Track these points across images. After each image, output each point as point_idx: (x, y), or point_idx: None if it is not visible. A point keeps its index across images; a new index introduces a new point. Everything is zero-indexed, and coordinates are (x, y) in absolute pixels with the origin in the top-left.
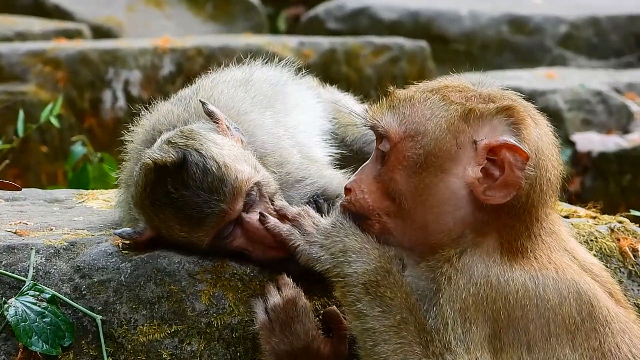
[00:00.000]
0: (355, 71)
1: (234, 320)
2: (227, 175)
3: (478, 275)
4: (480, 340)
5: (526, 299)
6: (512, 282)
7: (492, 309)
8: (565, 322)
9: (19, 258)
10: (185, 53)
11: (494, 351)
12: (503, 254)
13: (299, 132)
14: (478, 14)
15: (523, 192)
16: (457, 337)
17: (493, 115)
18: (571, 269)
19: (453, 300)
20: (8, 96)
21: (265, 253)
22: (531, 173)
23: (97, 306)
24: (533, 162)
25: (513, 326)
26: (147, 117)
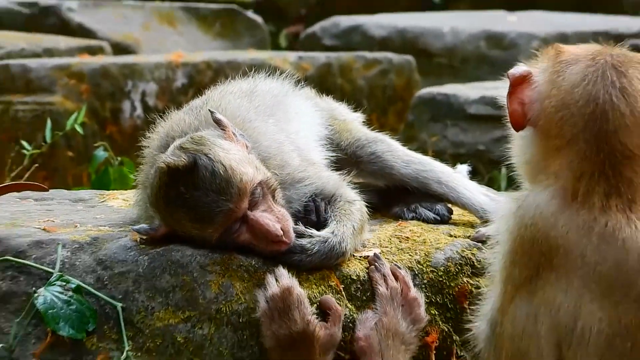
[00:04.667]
0: (349, 83)
1: (241, 307)
2: (233, 177)
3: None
4: (519, 281)
5: (570, 248)
6: (558, 227)
7: (538, 251)
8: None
9: (47, 252)
10: (196, 67)
11: (533, 288)
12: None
13: (298, 137)
14: (458, 30)
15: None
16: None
17: None
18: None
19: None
20: (37, 106)
21: (267, 246)
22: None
23: (117, 295)
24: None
25: (554, 270)
26: (161, 125)
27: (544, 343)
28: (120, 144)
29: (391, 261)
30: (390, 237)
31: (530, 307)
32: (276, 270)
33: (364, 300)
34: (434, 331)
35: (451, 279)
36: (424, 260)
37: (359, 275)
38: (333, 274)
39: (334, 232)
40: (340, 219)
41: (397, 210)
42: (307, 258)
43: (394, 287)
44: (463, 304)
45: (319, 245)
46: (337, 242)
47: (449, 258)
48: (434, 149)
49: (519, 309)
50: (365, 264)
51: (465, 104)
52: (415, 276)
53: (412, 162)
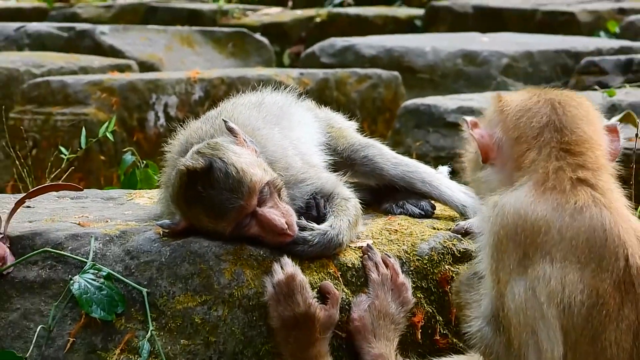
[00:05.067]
0: (344, 95)
1: (251, 292)
2: (244, 178)
3: (509, 209)
4: (510, 266)
5: (549, 226)
6: (537, 211)
7: (521, 235)
8: (578, 253)
9: (82, 244)
10: (211, 82)
11: (524, 268)
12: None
13: (300, 143)
14: (439, 50)
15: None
16: (492, 272)
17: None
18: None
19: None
20: (73, 117)
21: (274, 238)
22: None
23: (143, 281)
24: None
25: (539, 248)
26: (181, 133)
27: (546, 308)
28: (146, 149)
29: (382, 251)
30: (381, 230)
31: (526, 282)
32: (281, 259)
33: (358, 285)
34: (420, 312)
35: (434, 266)
36: (411, 250)
37: (354, 263)
38: (331, 262)
39: (332, 225)
40: (338, 214)
41: (386, 206)
42: (308, 248)
43: (384, 273)
44: (445, 288)
45: (319, 237)
46: (335, 235)
47: (433, 248)
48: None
49: (516, 286)
50: (360, 254)
51: (444, 113)
52: (403, 264)
53: (399, 164)
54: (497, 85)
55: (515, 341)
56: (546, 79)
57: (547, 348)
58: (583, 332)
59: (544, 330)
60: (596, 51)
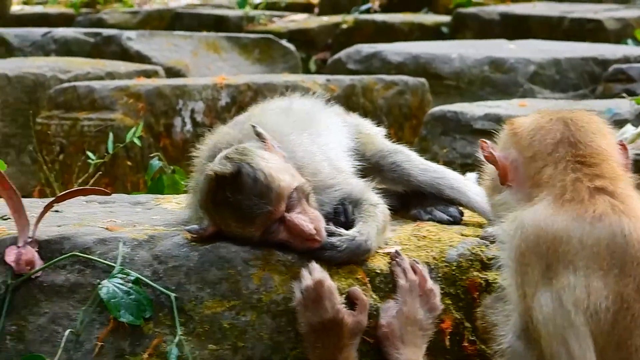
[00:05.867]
0: (370, 102)
1: (279, 297)
2: (273, 183)
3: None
4: (535, 279)
5: (569, 236)
6: (556, 222)
7: (543, 247)
8: (600, 260)
9: (110, 248)
10: (238, 88)
11: (549, 280)
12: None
13: (328, 149)
14: (465, 57)
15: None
16: (517, 287)
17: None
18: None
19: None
20: (100, 122)
21: (302, 244)
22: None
23: (171, 286)
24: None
25: (561, 259)
26: (209, 138)
27: (574, 316)
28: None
29: (410, 257)
30: (409, 236)
31: (552, 293)
32: (310, 265)
33: (386, 292)
34: (448, 319)
35: (463, 273)
36: (439, 256)
37: (382, 269)
38: (360, 268)
39: (360, 231)
40: (366, 220)
41: (415, 213)
42: (337, 254)
43: (413, 279)
44: (473, 295)
45: (347, 243)
46: (363, 240)
47: (461, 254)
48: (444, 159)
49: (542, 298)
50: (388, 260)
51: (471, 120)
52: (432, 270)
53: (428, 171)
54: (523, 92)
55: (547, 352)
56: (573, 87)
57: (579, 355)
58: (609, 339)
59: (574, 338)
60: (623, 59)
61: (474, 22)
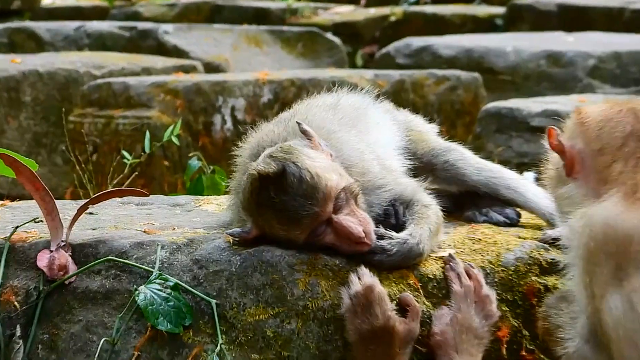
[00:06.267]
0: (421, 98)
1: (326, 304)
2: (319, 183)
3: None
4: (604, 279)
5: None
6: (627, 221)
7: (613, 246)
8: None
9: (147, 252)
10: (281, 84)
11: (619, 281)
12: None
13: (378, 147)
14: (521, 50)
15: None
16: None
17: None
18: None
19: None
20: (136, 120)
21: (351, 247)
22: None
23: (212, 292)
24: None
25: (632, 259)
26: (252, 136)
27: None
28: (212, 154)
29: (465, 261)
30: (463, 239)
31: (622, 296)
32: (359, 270)
33: (439, 298)
34: (505, 326)
35: (520, 277)
36: (495, 260)
37: (435, 274)
38: (411, 273)
39: (412, 234)
40: (418, 222)
41: (469, 214)
42: (387, 258)
43: (467, 285)
44: (532, 301)
45: (398, 246)
46: (415, 244)
47: (519, 258)
48: (500, 158)
49: (612, 300)
50: (441, 264)
51: (528, 117)
52: (487, 275)
53: (483, 170)
54: (582, 87)
55: (617, 357)
56: (635, 81)
57: None
58: None
59: None
60: None
61: (530, 13)
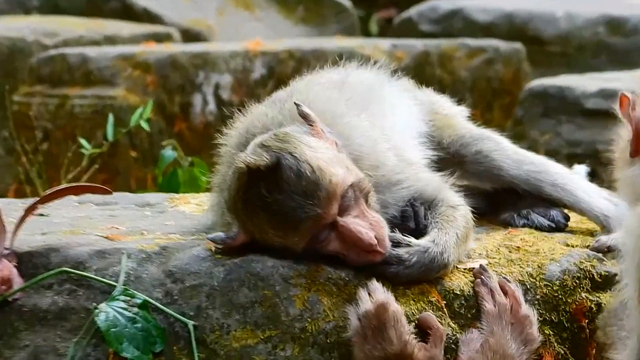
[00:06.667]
0: (450, 74)
1: (329, 326)
2: (322, 179)
3: None
4: None
5: None
6: None
7: None
8: None
9: (110, 263)
10: (277, 56)
11: None
12: None
13: (394, 134)
14: (574, 15)
15: None
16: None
17: None
18: None
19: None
20: (97, 100)
21: (360, 257)
22: None
23: (189, 311)
24: None
25: None
26: (240, 120)
27: None
28: (191, 143)
29: (499, 274)
30: (498, 247)
31: None
32: (369, 284)
33: (468, 318)
34: (548, 354)
35: (568, 294)
36: (537, 272)
37: (463, 289)
38: (434, 288)
39: (434, 240)
40: (443, 226)
41: (506, 217)
42: (404, 270)
43: (502, 303)
44: (581, 323)
45: (418, 256)
46: (438, 252)
47: (566, 270)
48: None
49: None
50: (470, 277)
51: (582, 97)
52: (527, 291)
53: (523, 162)
54: None
55: None
56: None
57: None
58: None
59: None
60: None
61: None
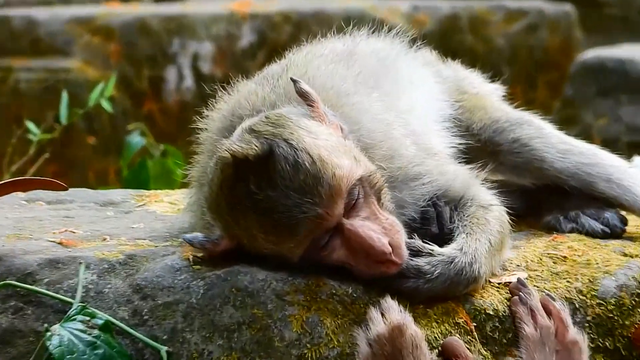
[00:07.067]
0: (483, 42)
1: (332, 353)
2: (324, 172)
3: None
4: None
5: None
6: None
7: None
8: None
9: (65, 275)
10: (269, 20)
11: None
12: None
13: (413, 117)
14: None
15: None
16: None
17: None
18: None
19: None
20: (48, 74)
21: (370, 268)
22: None
23: (161, 335)
24: None
25: None
26: (224, 100)
27: None
28: (163, 127)
29: (542, 290)
30: (540, 257)
31: None
32: (382, 302)
33: (503, 344)
34: None
35: (625, 315)
36: (588, 288)
37: (497, 309)
38: (461, 307)
39: (462, 248)
40: (472, 231)
41: (550, 219)
42: (425, 285)
43: (545, 326)
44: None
45: (442, 267)
46: (467, 263)
47: (623, 286)
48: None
49: None
50: (506, 294)
51: None
52: (576, 311)
53: (570, 153)
54: None
55: None
56: None
57: None
58: None
59: None
60: None
61: None
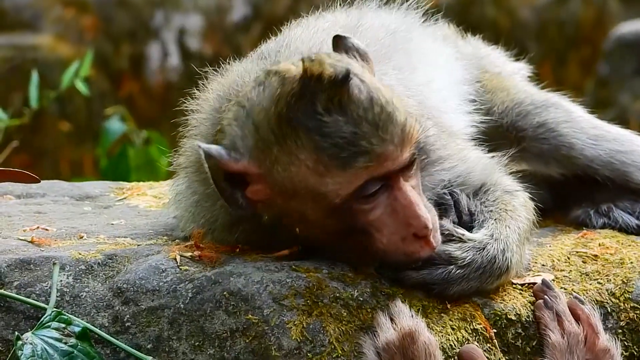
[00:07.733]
0: (507, 15)
1: None
2: (398, 115)
3: None
4: None
5: None
6: None
7: None
8: None
9: (37, 277)
10: None
11: None
12: None
13: (429, 96)
14: None
15: None
16: None
17: None
18: None
19: None
20: (15, 52)
21: (404, 242)
22: None
23: (145, 343)
24: None
25: None
26: (216, 81)
27: None
28: (146, 111)
29: (570, 292)
30: (568, 255)
31: None
32: (392, 306)
33: (527, 353)
34: None
35: None
36: (621, 291)
37: (520, 313)
38: (479, 311)
39: (493, 234)
40: (501, 217)
41: (579, 214)
42: (456, 272)
43: (573, 332)
44: None
45: (473, 254)
46: (499, 250)
47: None
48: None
49: None
50: (530, 297)
51: None
52: (607, 315)
53: (603, 139)
54: None
55: None
56: None
57: None
58: None
59: None
60: None
61: None
